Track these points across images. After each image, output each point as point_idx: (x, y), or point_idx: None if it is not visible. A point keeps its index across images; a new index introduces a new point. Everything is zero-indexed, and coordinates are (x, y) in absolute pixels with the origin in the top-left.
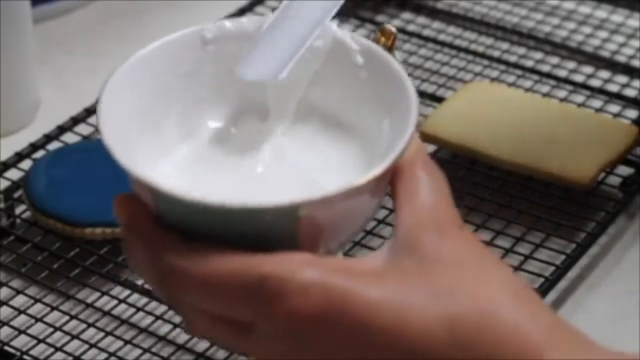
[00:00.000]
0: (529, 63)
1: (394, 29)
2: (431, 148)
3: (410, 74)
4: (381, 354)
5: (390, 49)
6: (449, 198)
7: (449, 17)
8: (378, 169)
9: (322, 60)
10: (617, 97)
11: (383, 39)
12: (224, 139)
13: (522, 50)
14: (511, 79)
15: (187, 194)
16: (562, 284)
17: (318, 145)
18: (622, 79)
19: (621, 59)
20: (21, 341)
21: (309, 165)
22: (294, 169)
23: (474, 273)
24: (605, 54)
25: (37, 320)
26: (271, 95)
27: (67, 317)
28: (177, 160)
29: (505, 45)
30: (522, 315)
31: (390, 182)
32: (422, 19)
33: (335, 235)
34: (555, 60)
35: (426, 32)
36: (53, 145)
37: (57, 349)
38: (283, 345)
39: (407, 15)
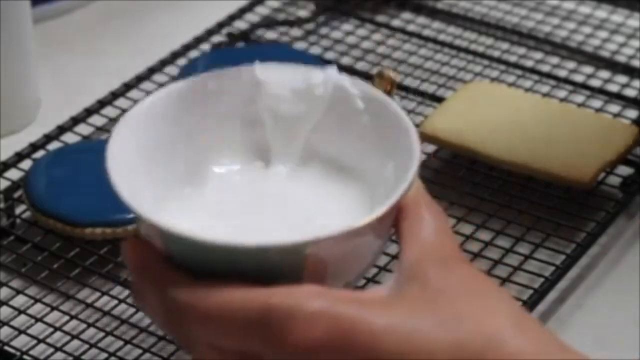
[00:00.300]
0: (529, 63)
1: (392, 75)
2: (431, 148)
3: (410, 74)
4: None
5: (389, 93)
6: (452, 236)
7: (449, 17)
8: (381, 210)
9: (324, 107)
10: (617, 97)
11: (382, 84)
12: (229, 184)
13: (522, 50)
14: (511, 79)
15: (197, 234)
16: (562, 284)
17: (321, 189)
18: (622, 79)
19: (621, 59)
20: (21, 341)
21: (313, 208)
22: (298, 212)
23: (479, 303)
24: (605, 54)
25: (37, 320)
26: (274, 140)
27: (67, 317)
28: (183, 203)
29: (505, 45)
30: (526, 343)
31: (394, 223)
32: (422, 19)
33: (340, 275)
34: (555, 60)
35: (426, 32)
36: (53, 145)
37: (57, 349)
38: None
39: (407, 15)
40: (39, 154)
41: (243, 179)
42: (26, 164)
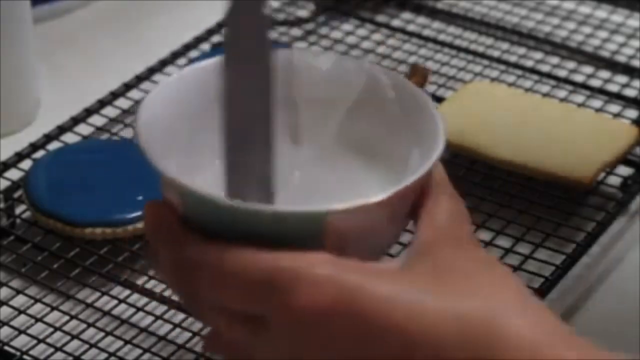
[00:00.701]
0: (529, 63)
1: (425, 68)
2: None
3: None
4: (391, 348)
5: (422, 85)
6: (469, 222)
7: (449, 17)
8: (399, 186)
9: (357, 93)
10: (617, 97)
11: (415, 77)
12: None
13: (522, 50)
14: (511, 79)
15: (216, 195)
16: (562, 284)
17: (347, 172)
18: (622, 79)
19: (621, 59)
20: (21, 341)
21: (337, 189)
22: (321, 190)
23: (487, 281)
24: (605, 54)
25: (37, 320)
26: (306, 123)
27: (67, 317)
28: (212, 174)
29: (505, 45)
30: (532, 321)
31: (413, 208)
32: (422, 19)
33: (358, 251)
34: (555, 60)
35: (426, 32)
36: (53, 145)
37: (57, 349)
38: (296, 340)
39: (407, 15)
40: (39, 154)
41: None
42: (26, 164)
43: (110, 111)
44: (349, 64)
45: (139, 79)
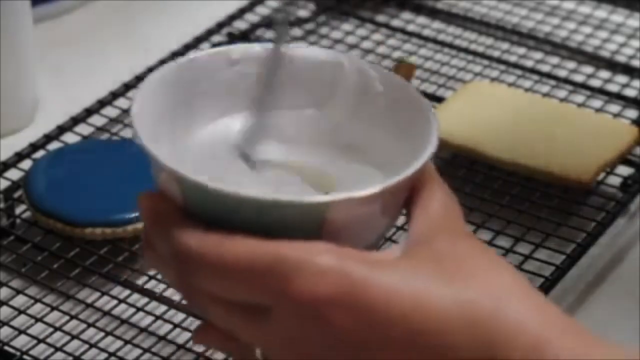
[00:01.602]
0: (529, 63)
1: (412, 61)
2: None
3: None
4: (395, 335)
5: (408, 79)
6: (461, 214)
7: (449, 17)
8: (398, 178)
9: (346, 89)
10: (617, 97)
11: (402, 70)
12: (240, 151)
13: (522, 50)
14: (511, 79)
15: (215, 184)
16: (562, 284)
17: (336, 167)
18: (622, 79)
19: (621, 59)
20: (21, 341)
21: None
22: (313, 183)
23: (486, 267)
24: (605, 54)
25: (37, 320)
26: (299, 119)
27: (67, 317)
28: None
29: (505, 45)
30: (532, 308)
31: (406, 201)
32: (422, 19)
33: (352, 242)
34: (555, 60)
35: (426, 32)
36: (53, 145)
37: (57, 349)
38: (298, 330)
39: (407, 15)
40: (39, 154)
41: (258, 150)
42: (26, 164)
43: (110, 111)
44: (339, 58)
45: (139, 79)
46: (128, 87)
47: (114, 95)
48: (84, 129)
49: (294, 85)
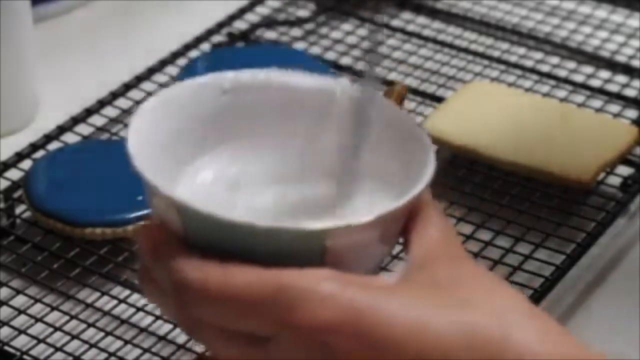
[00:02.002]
0: (529, 63)
1: (401, 88)
2: None
3: (410, 74)
4: None
5: (399, 104)
6: (457, 236)
7: (449, 17)
8: (396, 204)
9: (340, 115)
10: (617, 97)
11: (393, 97)
12: (234, 181)
13: (522, 50)
14: (511, 79)
15: (215, 211)
16: (562, 284)
17: (334, 195)
18: (622, 79)
19: (621, 59)
20: (21, 341)
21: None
22: (312, 207)
23: (487, 288)
24: (605, 54)
25: (37, 320)
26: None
27: (67, 317)
28: (193, 190)
29: (505, 45)
30: (536, 329)
31: (404, 227)
32: (422, 19)
33: (350, 268)
34: (555, 60)
35: (426, 32)
36: (53, 145)
37: (57, 349)
38: (302, 358)
39: (407, 15)
40: (39, 154)
41: (250, 179)
42: (26, 164)
43: (110, 111)
44: (333, 85)
45: (139, 79)
46: (128, 87)
47: (114, 95)
48: (84, 129)
49: (285, 115)
